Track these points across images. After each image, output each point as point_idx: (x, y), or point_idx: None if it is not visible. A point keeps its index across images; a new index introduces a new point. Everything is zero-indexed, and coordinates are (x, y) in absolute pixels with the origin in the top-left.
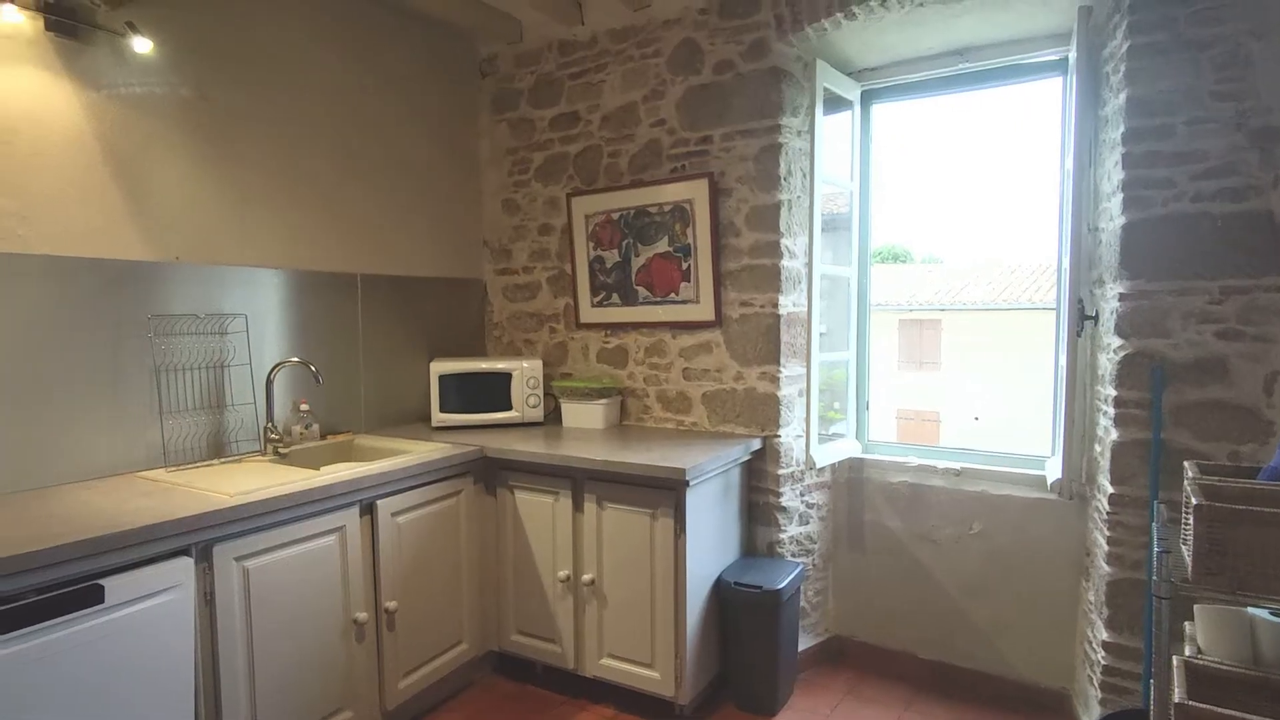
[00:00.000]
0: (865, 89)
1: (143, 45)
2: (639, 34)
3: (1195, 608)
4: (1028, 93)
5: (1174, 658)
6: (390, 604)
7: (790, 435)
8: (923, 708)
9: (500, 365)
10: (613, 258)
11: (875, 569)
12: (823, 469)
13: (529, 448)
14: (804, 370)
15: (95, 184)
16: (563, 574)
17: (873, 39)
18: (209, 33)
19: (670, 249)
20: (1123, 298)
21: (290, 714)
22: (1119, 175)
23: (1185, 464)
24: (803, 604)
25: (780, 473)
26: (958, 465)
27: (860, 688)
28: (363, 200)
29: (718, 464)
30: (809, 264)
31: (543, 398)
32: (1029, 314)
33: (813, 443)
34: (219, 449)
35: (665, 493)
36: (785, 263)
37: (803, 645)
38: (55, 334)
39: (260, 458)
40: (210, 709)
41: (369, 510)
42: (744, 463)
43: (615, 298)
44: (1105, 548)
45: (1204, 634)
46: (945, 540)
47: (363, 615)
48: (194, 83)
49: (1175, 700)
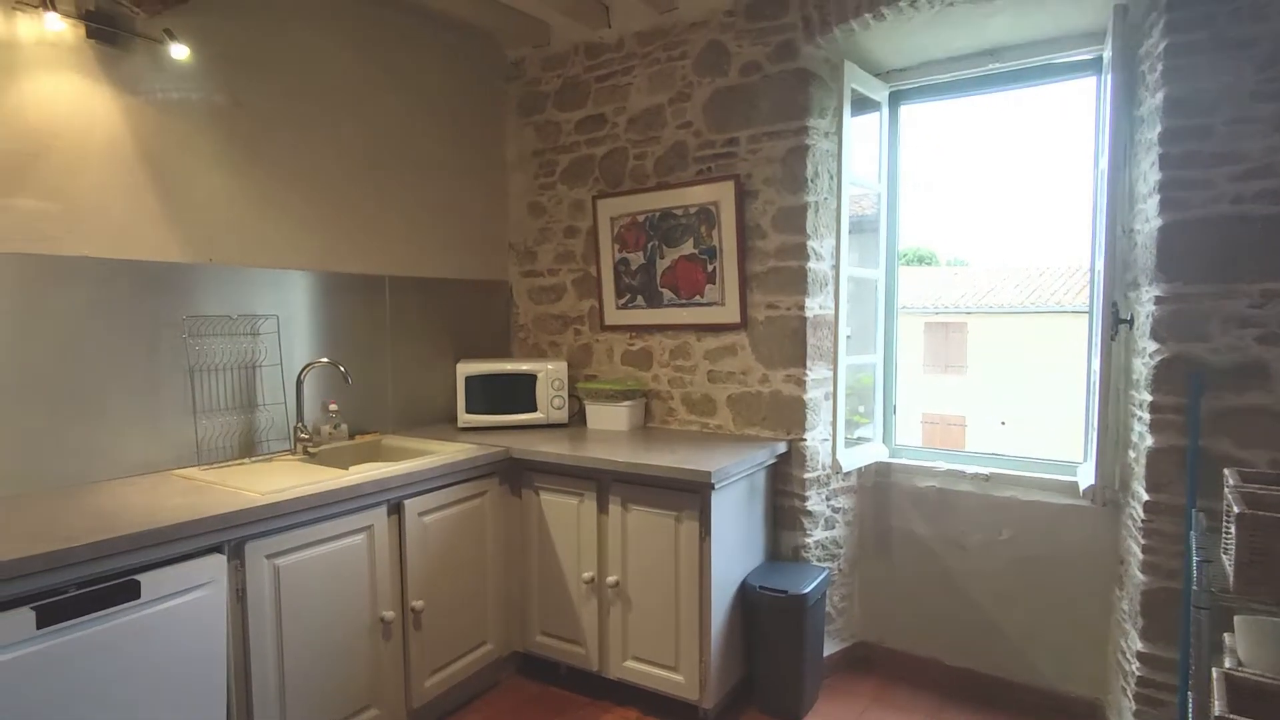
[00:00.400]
0: (893, 90)
1: (179, 52)
2: (665, 36)
3: (1236, 619)
4: (1059, 93)
5: (1214, 670)
6: (417, 603)
7: (816, 439)
8: (951, 716)
9: (525, 367)
10: (638, 260)
11: (902, 574)
12: (849, 473)
13: (554, 449)
14: (830, 373)
15: (133, 187)
16: (587, 576)
17: (901, 40)
18: (242, 40)
19: (695, 251)
20: (1159, 301)
21: (318, 710)
22: (1156, 176)
23: (1225, 471)
24: (828, 609)
25: (806, 476)
26: (987, 470)
27: (887, 694)
28: (391, 203)
29: (743, 467)
30: (836, 266)
31: (567, 399)
32: (1058, 317)
33: (839, 446)
34: (250, 448)
35: (690, 495)
36: (812, 265)
37: (828, 651)
38: (95, 334)
39: (290, 457)
40: (242, 703)
41: (396, 510)
42: (769, 466)
43: (640, 300)
44: (1140, 556)
45: (1245, 646)
46: (974, 546)
47: (390, 614)
48: (228, 89)
49: (1215, 714)
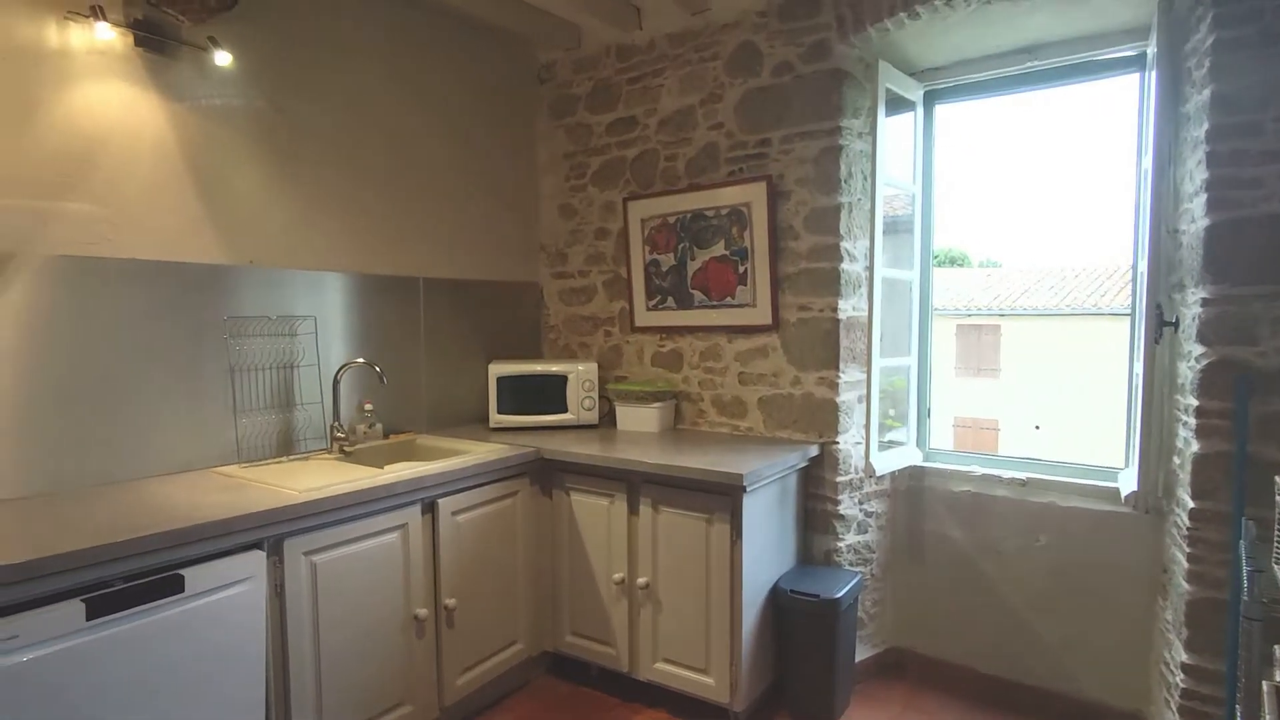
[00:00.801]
0: (928, 89)
1: (223, 59)
2: (697, 38)
3: None
4: (1098, 90)
5: (1264, 683)
6: (450, 601)
7: (849, 442)
8: None
9: (556, 368)
10: (668, 261)
11: (936, 580)
12: (881, 477)
13: (585, 450)
14: (864, 376)
15: (177, 191)
16: (617, 576)
17: (937, 38)
18: (282, 46)
19: (727, 252)
20: (1205, 303)
21: (353, 705)
22: (1202, 175)
23: (1277, 479)
24: (860, 614)
25: (838, 480)
26: (1024, 475)
27: (919, 701)
28: (425, 206)
29: (775, 470)
30: (870, 267)
31: (597, 400)
32: (1095, 320)
33: (873, 450)
34: (288, 446)
35: (722, 498)
36: (845, 266)
37: (860, 656)
38: (141, 335)
39: (327, 455)
40: (280, 696)
41: (430, 509)
42: (801, 469)
43: (670, 301)
44: (1185, 565)
45: None
46: (1010, 552)
47: (423, 611)
48: (268, 94)
49: None
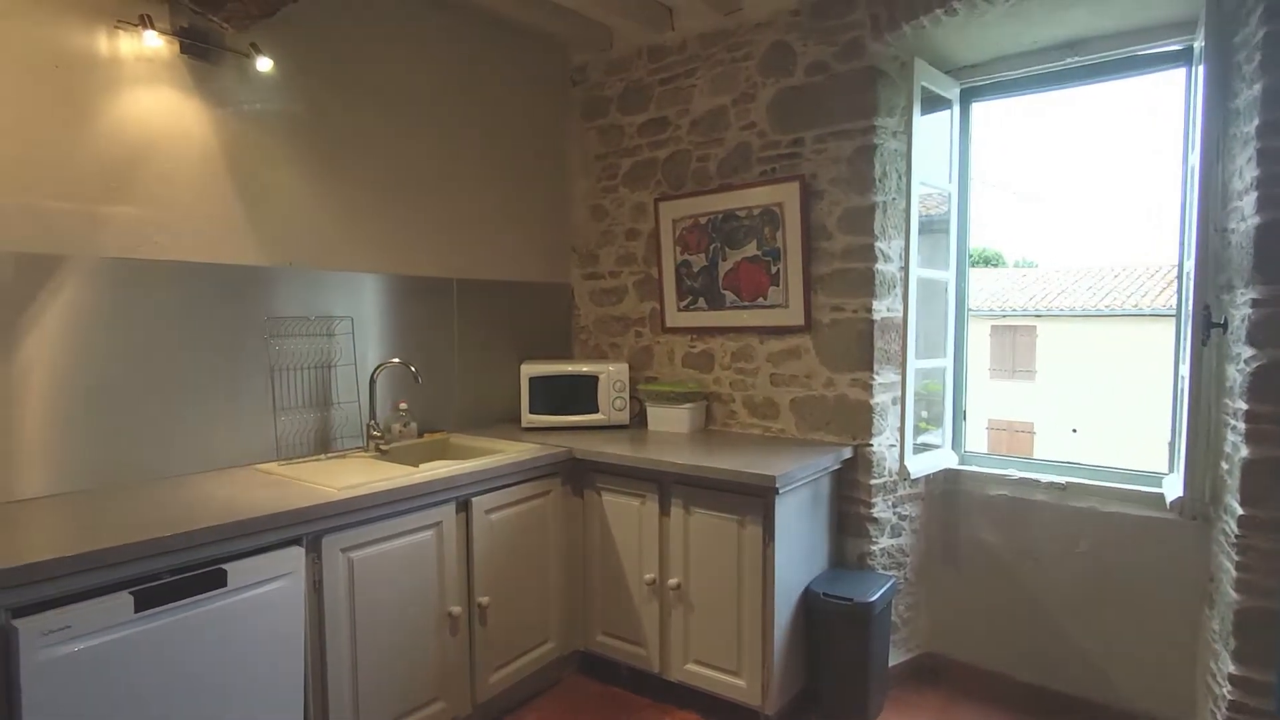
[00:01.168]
0: (965, 87)
1: (264, 65)
2: (729, 38)
3: None
4: (1140, 85)
5: None
6: (483, 599)
7: (883, 444)
8: None
9: (587, 368)
10: (699, 262)
11: (971, 585)
12: (916, 480)
13: (616, 450)
14: (898, 377)
15: (220, 194)
16: (649, 577)
17: (974, 35)
18: (320, 51)
19: (759, 253)
20: (1256, 304)
21: (389, 699)
22: (1253, 172)
23: None
24: (894, 618)
25: (872, 483)
26: (1063, 479)
27: (954, 708)
28: (459, 208)
29: (808, 472)
30: (905, 268)
31: (628, 401)
32: (1136, 321)
33: (907, 452)
34: (325, 444)
35: (754, 500)
36: (879, 266)
37: (893, 661)
38: (184, 334)
39: (363, 454)
40: (318, 690)
41: (464, 507)
42: (834, 472)
43: (702, 302)
44: (1233, 573)
45: None
46: (1048, 558)
47: (456, 609)
48: (307, 99)
49: None
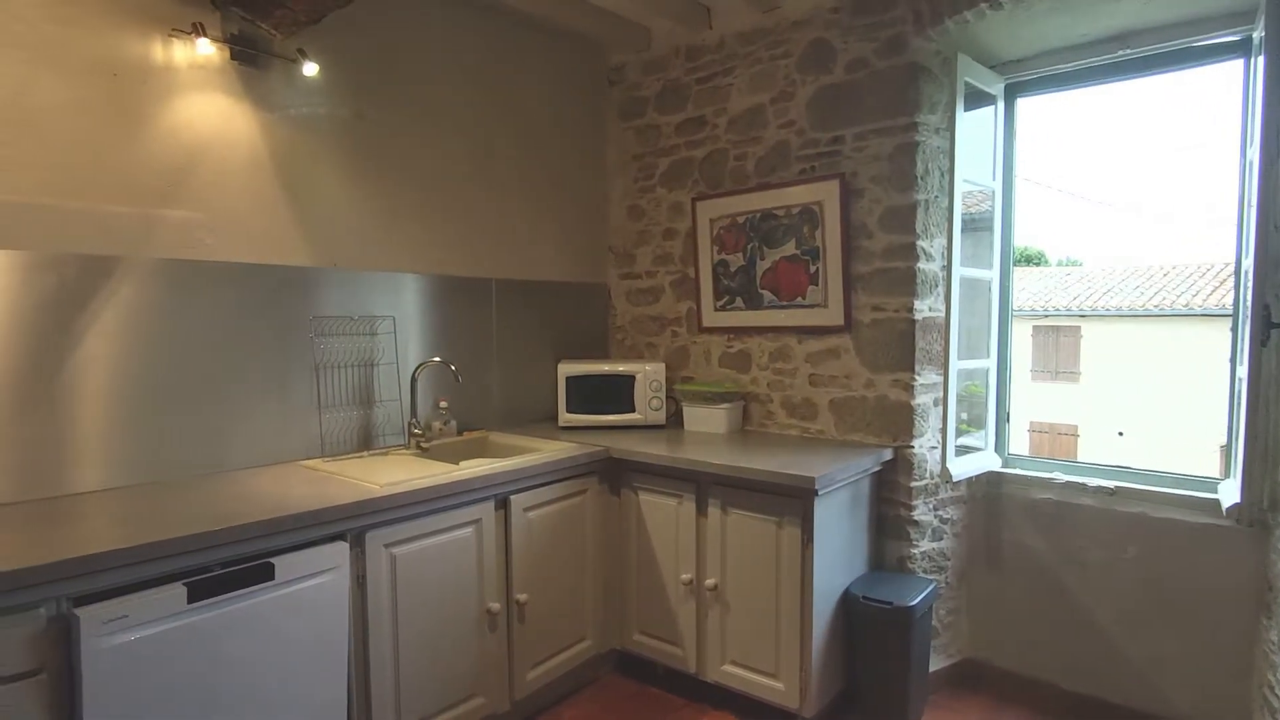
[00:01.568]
0: (1009, 82)
1: (310, 69)
2: (768, 36)
3: None
4: (1192, 78)
5: None
6: (521, 596)
7: (924, 446)
8: None
9: (624, 368)
10: (737, 261)
11: (1015, 590)
12: (958, 482)
13: (653, 449)
14: (940, 378)
15: (268, 197)
16: (685, 577)
17: (1020, 29)
18: (364, 55)
19: (798, 252)
20: None
21: (429, 694)
22: None
23: None
24: (934, 623)
25: (913, 485)
26: (1111, 484)
27: (997, 715)
28: (498, 209)
29: (847, 473)
30: (947, 266)
31: (665, 401)
32: (1186, 321)
33: (949, 454)
34: (368, 441)
35: (792, 501)
36: (921, 265)
37: (934, 666)
38: (233, 333)
39: (404, 451)
40: (361, 683)
41: (503, 505)
42: (874, 473)
43: (739, 301)
44: None
45: None
46: (1095, 564)
47: (495, 605)
48: (351, 102)
49: None
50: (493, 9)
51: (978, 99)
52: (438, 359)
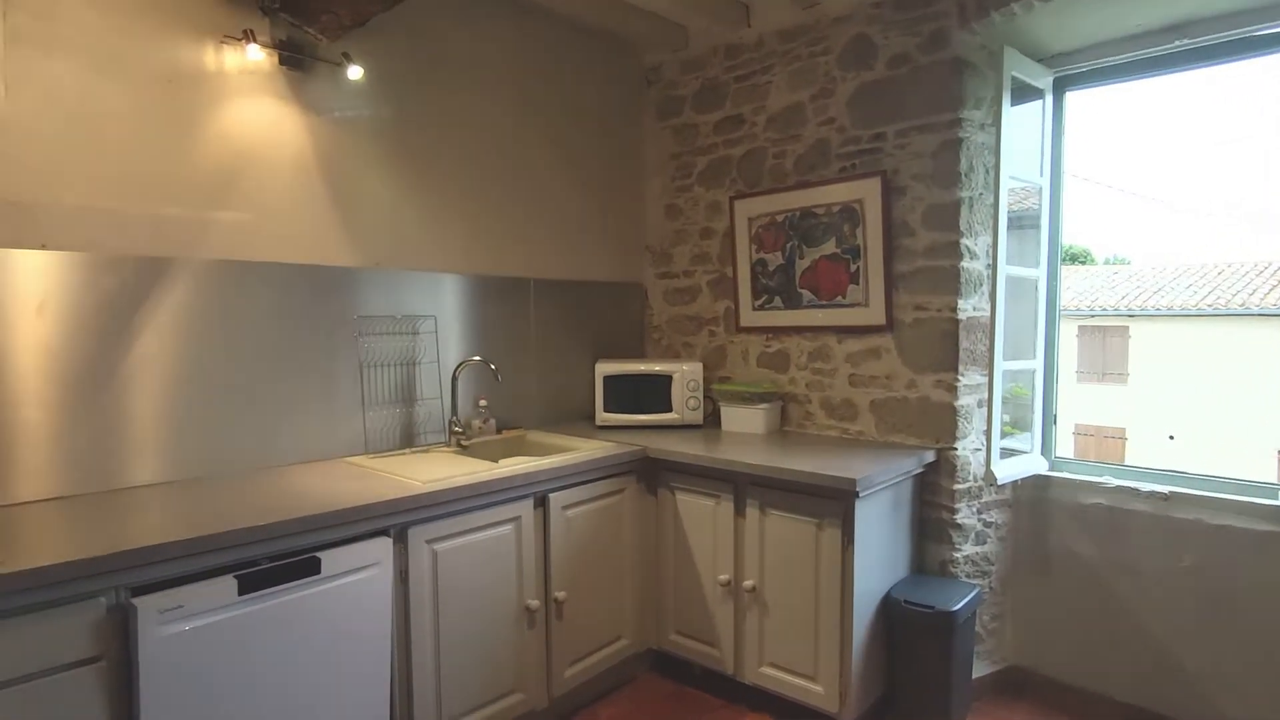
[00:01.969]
0: (1058, 75)
1: (355, 73)
2: (808, 33)
3: None
4: (1249, 70)
5: None
6: (559, 594)
7: (967, 448)
8: None
9: (661, 367)
10: (776, 260)
11: (1062, 597)
12: (1002, 486)
13: (690, 449)
14: (985, 379)
15: (314, 199)
16: (723, 578)
17: (1070, 20)
18: (406, 57)
19: (838, 250)
20: None
21: (469, 689)
22: None
23: None
24: (978, 629)
25: (956, 488)
26: (1165, 489)
27: None
28: (536, 209)
29: (889, 475)
30: (992, 265)
31: (702, 400)
32: (1242, 321)
33: (994, 457)
34: (409, 439)
35: (832, 502)
36: (965, 264)
37: (977, 673)
38: (279, 332)
39: (445, 449)
40: (403, 677)
41: (542, 503)
42: (916, 475)
43: (778, 301)
44: None
45: None
46: (1149, 572)
47: (534, 602)
48: (393, 104)
49: None
50: (531, 10)
51: (1024, 93)
52: (477, 358)
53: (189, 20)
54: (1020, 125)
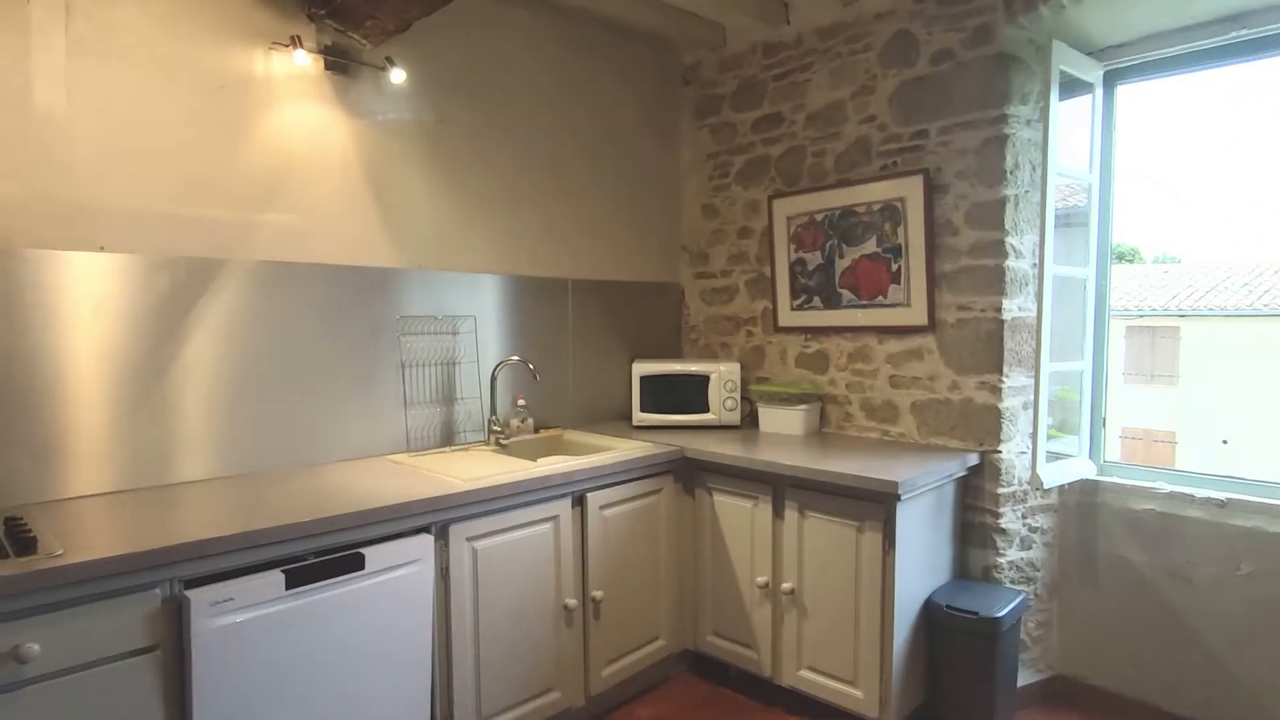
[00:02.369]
0: (1109, 69)
1: (398, 76)
2: (848, 30)
3: None
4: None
5: None
6: (597, 593)
7: (1012, 451)
8: None
9: (698, 368)
10: (815, 260)
11: (1111, 605)
12: (1049, 490)
13: (728, 450)
14: (1030, 381)
15: (358, 201)
16: (761, 580)
17: (1122, 12)
18: (448, 61)
19: (879, 250)
20: None
21: (508, 686)
22: None
23: None
24: (1023, 636)
25: (1000, 492)
26: (1222, 495)
27: None
28: (573, 209)
29: (931, 478)
30: (1038, 264)
31: (739, 401)
32: None
33: (1040, 460)
34: (449, 438)
35: (873, 505)
36: (1010, 263)
37: (1022, 681)
38: (325, 332)
39: (484, 448)
40: (444, 673)
41: (580, 502)
42: (959, 479)
43: (817, 301)
44: None
45: None
46: (1204, 581)
47: (572, 601)
48: (434, 107)
49: None
50: (568, 11)
51: (1073, 87)
52: (516, 358)
53: (239, 28)
54: (1069, 120)
